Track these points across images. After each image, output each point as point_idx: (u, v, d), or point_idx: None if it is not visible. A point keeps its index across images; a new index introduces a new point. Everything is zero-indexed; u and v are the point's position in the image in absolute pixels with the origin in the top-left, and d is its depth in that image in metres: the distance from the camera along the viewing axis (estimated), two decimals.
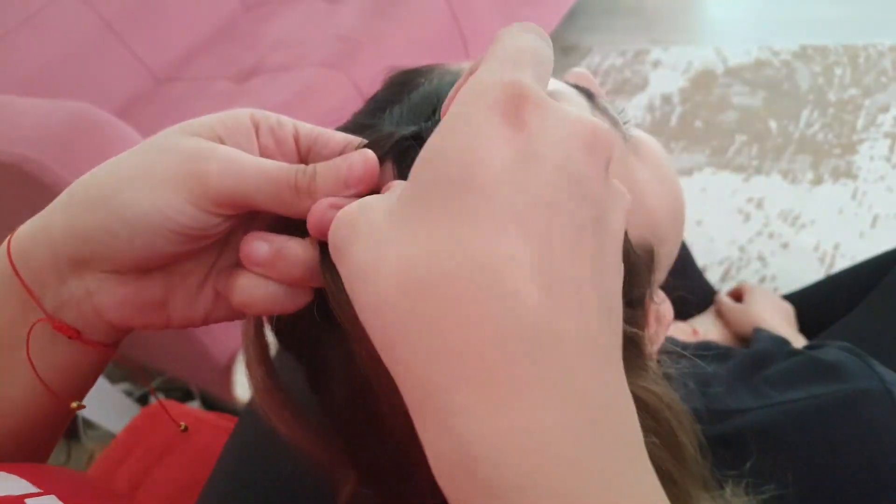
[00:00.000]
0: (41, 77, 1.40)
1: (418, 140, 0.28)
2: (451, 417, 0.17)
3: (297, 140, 0.29)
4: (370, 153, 0.27)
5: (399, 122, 0.31)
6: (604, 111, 0.37)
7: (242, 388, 1.08)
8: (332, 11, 1.52)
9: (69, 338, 0.28)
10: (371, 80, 1.21)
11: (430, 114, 0.30)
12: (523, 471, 0.16)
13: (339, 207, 0.24)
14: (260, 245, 0.27)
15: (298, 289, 0.28)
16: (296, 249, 0.27)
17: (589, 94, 0.37)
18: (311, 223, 0.26)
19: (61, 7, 1.45)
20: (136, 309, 0.29)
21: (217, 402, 1.27)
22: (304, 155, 0.30)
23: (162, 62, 1.57)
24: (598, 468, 0.16)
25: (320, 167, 0.27)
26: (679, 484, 0.27)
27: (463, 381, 0.17)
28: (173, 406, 0.73)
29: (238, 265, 0.28)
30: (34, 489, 0.27)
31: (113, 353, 0.31)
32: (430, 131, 0.22)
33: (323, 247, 0.26)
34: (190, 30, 1.62)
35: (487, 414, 0.16)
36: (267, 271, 0.27)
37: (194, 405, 1.29)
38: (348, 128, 0.33)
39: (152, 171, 0.26)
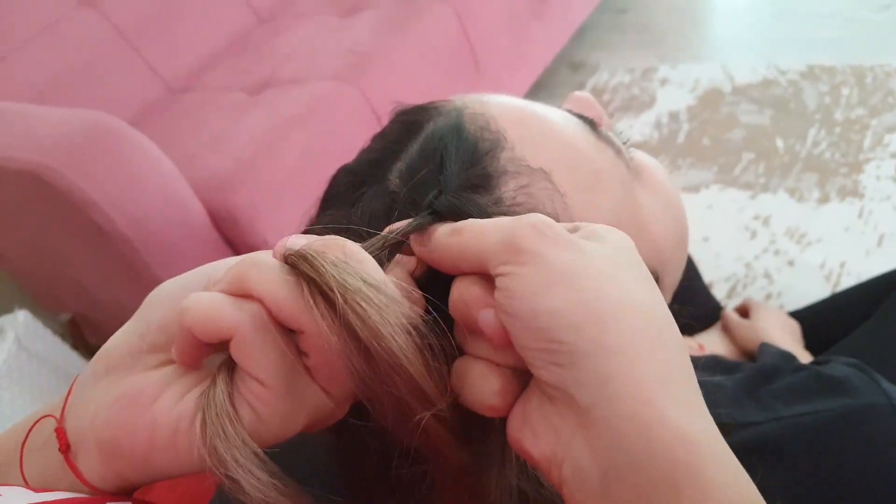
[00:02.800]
0: (57, 86, 1.42)
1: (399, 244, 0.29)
2: (695, 398, 0.22)
3: None
4: None
5: (400, 177, 0.32)
6: (607, 140, 0.37)
7: None
8: (344, 25, 1.54)
9: (59, 449, 0.27)
10: (382, 94, 1.22)
11: (426, 167, 0.31)
12: (716, 451, 0.21)
13: None
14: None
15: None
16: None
17: (591, 123, 0.38)
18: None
19: (77, 18, 1.48)
20: (124, 405, 0.26)
21: None
22: None
23: (176, 72, 1.59)
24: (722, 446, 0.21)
25: None
26: None
27: (673, 384, 0.22)
28: None
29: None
30: None
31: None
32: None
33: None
34: (204, 41, 1.64)
35: (694, 412, 0.22)
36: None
37: None
38: (357, 169, 0.34)
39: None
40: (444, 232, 0.27)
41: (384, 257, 0.28)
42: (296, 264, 0.24)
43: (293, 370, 0.25)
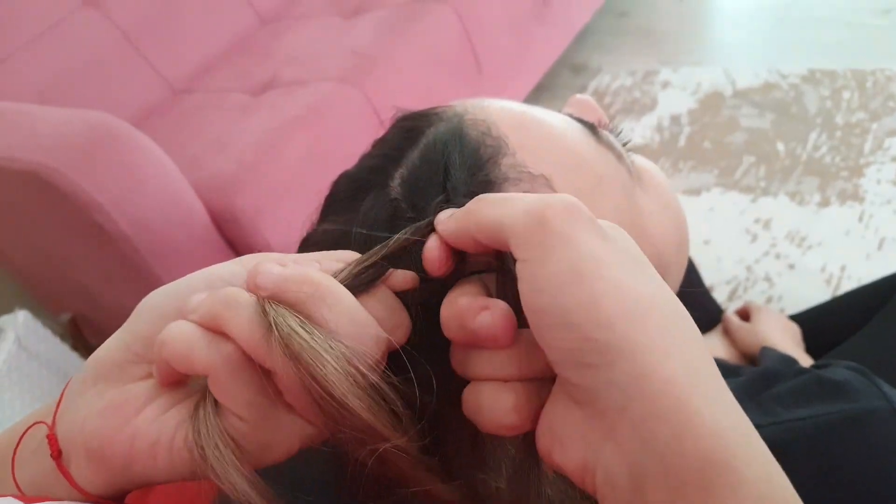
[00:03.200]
0: (59, 87, 1.43)
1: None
2: (723, 393, 0.22)
3: None
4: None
5: (401, 184, 0.32)
6: (608, 145, 0.37)
7: None
8: (346, 27, 1.54)
9: (51, 455, 0.27)
10: (384, 96, 1.22)
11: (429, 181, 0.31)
12: (748, 447, 0.21)
13: None
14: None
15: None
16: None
17: (591, 127, 0.38)
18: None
19: (80, 18, 1.48)
20: (103, 417, 0.27)
21: None
22: None
23: (178, 74, 1.59)
24: (754, 440, 0.21)
25: None
26: None
27: (702, 380, 0.21)
28: None
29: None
30: None
31: None
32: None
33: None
34: (207, 43, 1.64)
35: (724, 408, 0.21)
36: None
37: None
38: (358, 176, 0.34)
39: None
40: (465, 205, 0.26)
41: (381, 271, 0.28)
42: (263, 308, 0.24)
43: (272, 404, 0.25)
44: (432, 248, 0.27)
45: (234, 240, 1.14)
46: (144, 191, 0.99)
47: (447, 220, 0.27)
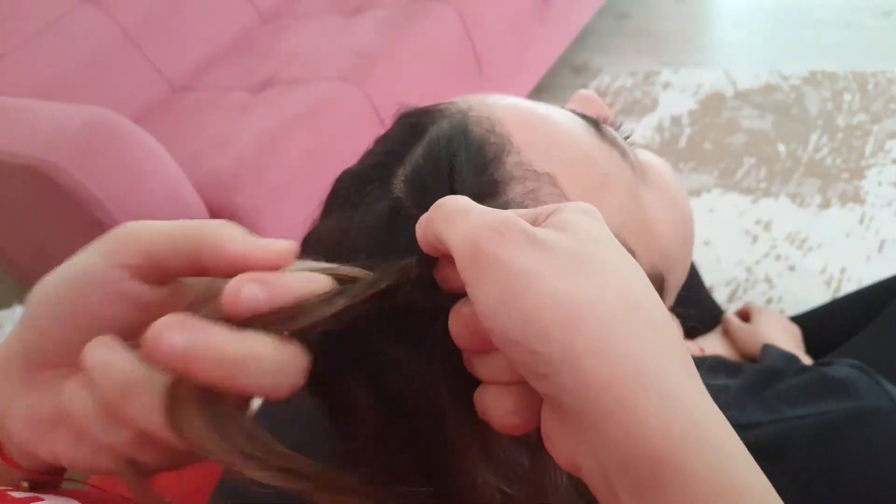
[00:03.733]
0: (59, 84, 1.42)
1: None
2: (676, 389, 0.21)
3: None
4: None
5: (405, 182, 0.31)
6: (612, 142, 0.37)
7: None
8: (347, 26, 1.54)
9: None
10: (385, 95, 1.22)
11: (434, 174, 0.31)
12: (701, 441, 0.20)
13: None
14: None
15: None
16: None
17: (595, 123, 0.37)
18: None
19: (80, 15, 1.48)
20: (28, 422, 0.25)
21: None
22: None
23: (178, 71, 1.59)
24: (714, 434, 0.21)
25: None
26: None
27: (650, 377, 0.21)
28: None
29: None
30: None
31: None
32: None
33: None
34: (207, 40, 1.64)
35: (677, 402, 0.21)
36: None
37: None
38: (360, 173, 0.34)
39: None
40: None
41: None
42: (169, 402, 0.22)
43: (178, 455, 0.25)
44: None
45: None
46: (144, 187, 0.99)
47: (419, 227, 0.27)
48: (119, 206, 0.96)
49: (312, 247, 0.33)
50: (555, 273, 0.22)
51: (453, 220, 0.25)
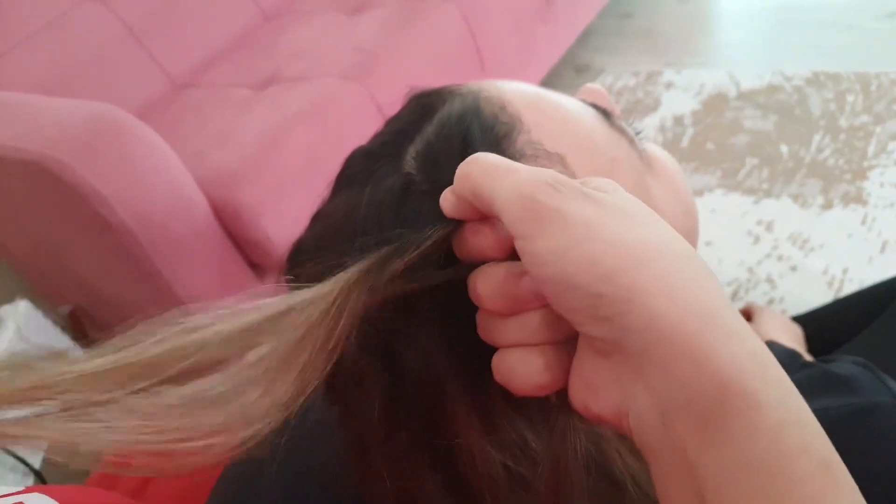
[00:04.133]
0: (62, 79, 1.42)
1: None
2: (738, 326, 0.22)
3: None
4: None
5: (416, 158, 0.32)
6: (621, 130, 0.37)
7: None
8: (350, 24, 1.54)
9: None
10: (388, 92, 1.22)
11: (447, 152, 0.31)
12: (764, 373, 0.22)
13: None
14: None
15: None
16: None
17: (604, 112, 0.38)
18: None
19: (83, 11, 1.48)
20: None
21: None
22: None
23: (181, 68, 1.59)
24: (770, 368, 0.22)
25: None
26: None
27: (713, 314, 0.22)
28: None
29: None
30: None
31: None
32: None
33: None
34: (210, 37, 1.64)
35: (737, 338, 0.22)
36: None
37: None
38: (371, 150, 0.34)
39: None
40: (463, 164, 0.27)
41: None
42: None
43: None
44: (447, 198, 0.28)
45: (235, 233, 1.14)
46: (147, 183, 0.99)
47: (448, 192, 0.27)
48: (121, 201, 0.96)
49: (321, 223, 0.33)
50: (611, 223, 0.23)
51: (497, 175, 0.25)
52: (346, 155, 0.36)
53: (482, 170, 0.26)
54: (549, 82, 1.84)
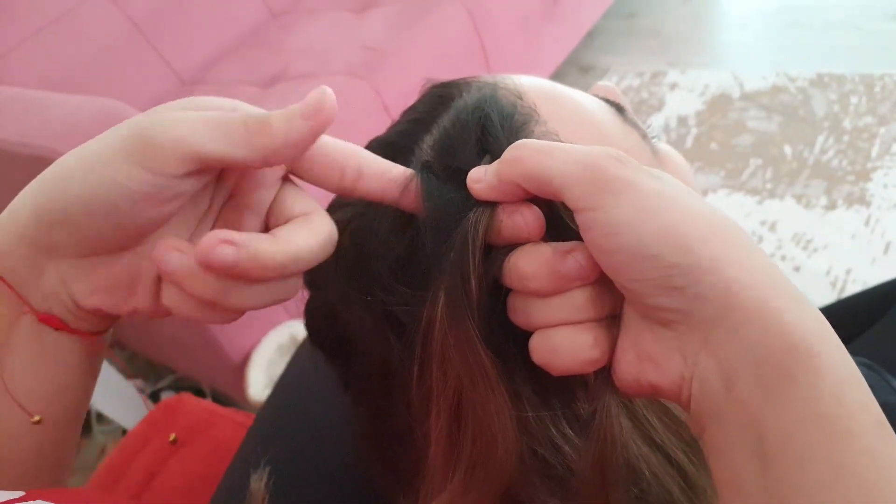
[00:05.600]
0: (69, 75, 1.43)
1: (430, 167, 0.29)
2: (797, 293, 0.23)
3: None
4: (328, 90, 0.27)
5: (432, 147, 0.32)
6: (633, 124, 0.38)
7: (255, 387, 1.09)
8: (357, 22, 1.54)
9: (55, 329, 0.28)
10: (394, 90, 1.22)
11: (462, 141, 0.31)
12: (824, 335, 0.22)
13: None
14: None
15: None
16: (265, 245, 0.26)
17: (619, 108, 0.38)
18: None
19: (91, 7, 1.48)
20: (107, 294, 0.28)
21: (229, 403, 1.28)
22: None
23: (188, 65, 1.59)
24: (827, 329, 0.23)
25: (274, 111, 0.27)
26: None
27: (776, 283, 0.23)
28: (190, 400, 0.74)
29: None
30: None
31: (101, 342, 0.30)
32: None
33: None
34: (217, 34, 1.65)
35: (799, 304, 0.23)
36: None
37: None
38: (387, 140, 0.34)
39: (106, 144, 0.26)
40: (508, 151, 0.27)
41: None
42: None
43: None
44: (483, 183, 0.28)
45: None
46: None
47: (487, 175, 0.27)
48: None
49: (339, 212, 0.34)
50: (680, 196, 0.24)
51: (554, 154, 0.25)
52: None
53: (537, 149, 0.26)
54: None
